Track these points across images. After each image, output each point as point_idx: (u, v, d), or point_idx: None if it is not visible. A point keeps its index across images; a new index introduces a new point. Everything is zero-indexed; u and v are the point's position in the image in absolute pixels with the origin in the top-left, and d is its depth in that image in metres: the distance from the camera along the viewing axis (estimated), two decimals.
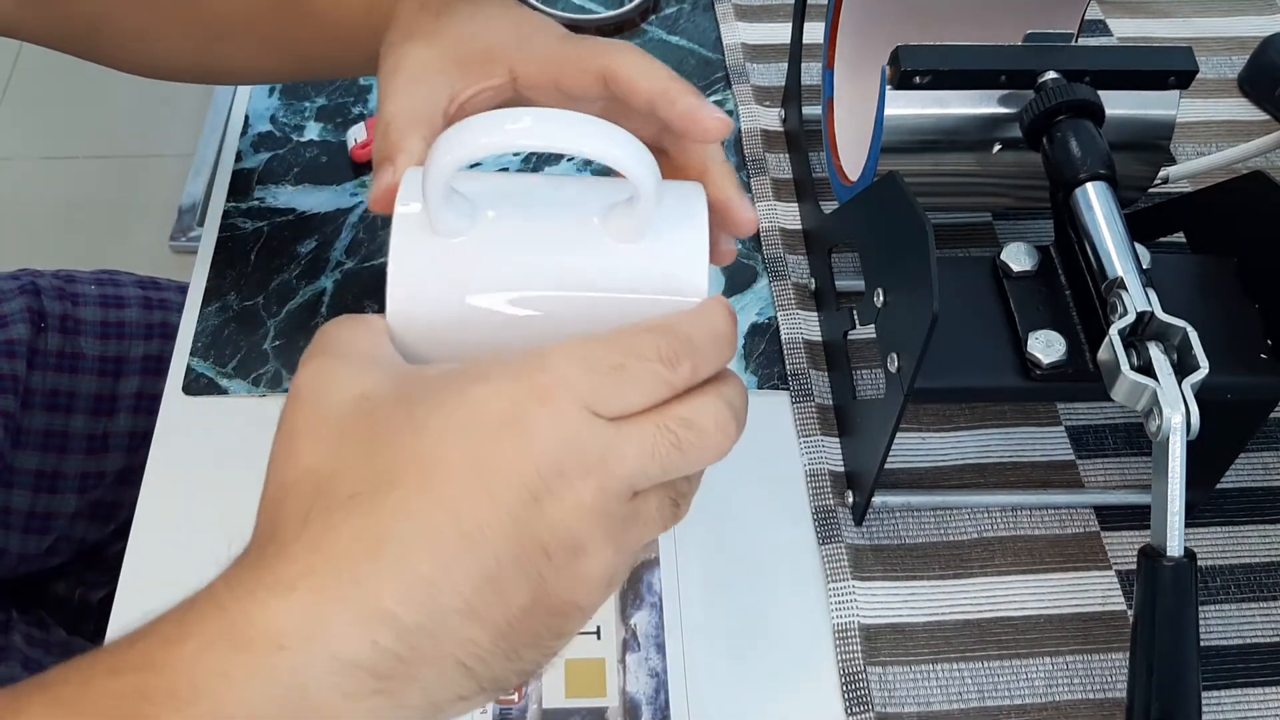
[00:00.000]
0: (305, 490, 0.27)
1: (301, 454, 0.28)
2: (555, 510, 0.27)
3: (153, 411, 0.66)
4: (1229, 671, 0.44)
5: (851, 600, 0.46)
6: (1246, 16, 0.71)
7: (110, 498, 0.69)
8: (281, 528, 0.26)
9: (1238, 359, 0.43)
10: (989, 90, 0.48)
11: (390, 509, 0.26)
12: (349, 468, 0.27)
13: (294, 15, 0.48)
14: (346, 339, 0.30)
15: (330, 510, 0.26)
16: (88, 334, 0.67)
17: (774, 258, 0.57)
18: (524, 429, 0.27)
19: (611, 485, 0.28)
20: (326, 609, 0.24)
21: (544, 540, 0.27)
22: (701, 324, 0.30)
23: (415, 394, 0.28)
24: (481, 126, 0.30)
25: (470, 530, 0.26)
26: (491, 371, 0.28)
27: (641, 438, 0.28)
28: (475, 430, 0.27)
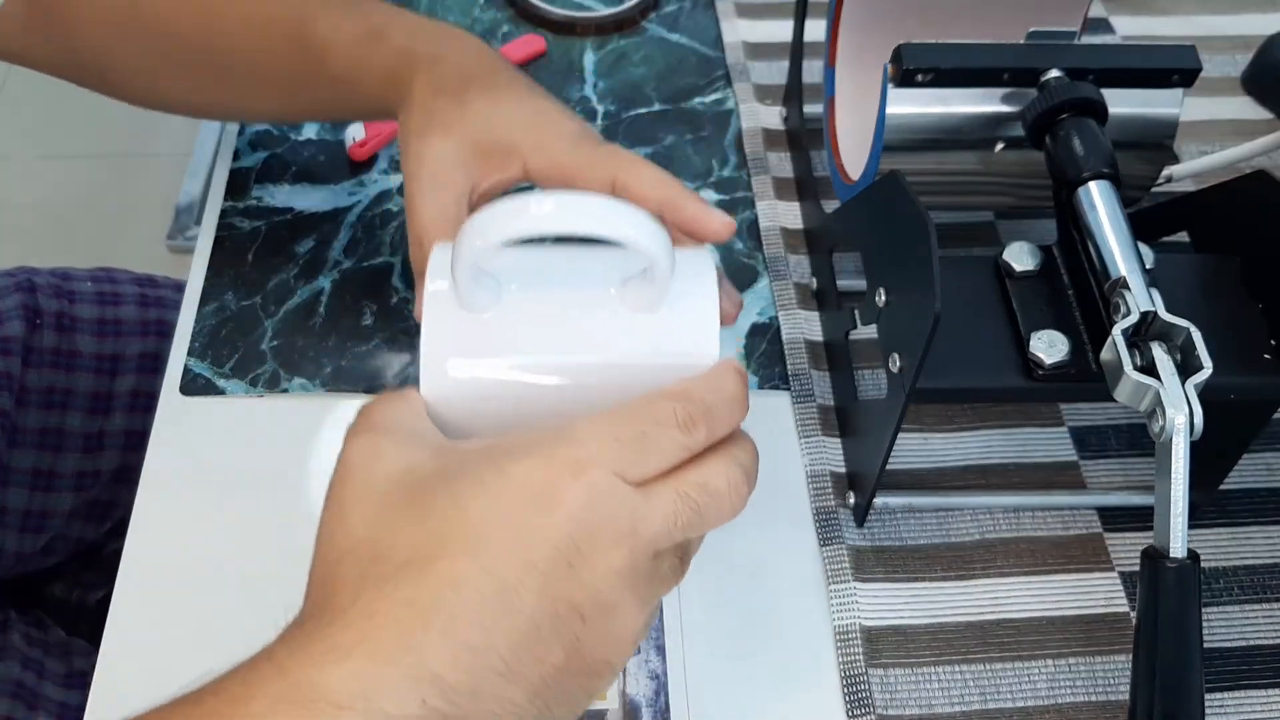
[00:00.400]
0: (359, 558, 0.29)
1: (354, 525, 0.30)
2: (589, 575, 0.29)
3: (149, 410, 0.66)
4: (1232, 673, 0.44)
5: (853, 602, 0.45)
6: (1250, 15, 0.71)
7: (106, 496, 0.68)
8: (337, 594, 0.28)
9: (1241, 359, 0.42)
10: (991, 88, 0.48)
11: (437, 578, 0.28)
12: (399, 538, 0.29)
13: (307, 70, 0.49)
14: (390, 415, 0.32)
15: (384, 579, 0.28)
16: (84, 332, 0.67)
17: (775, 257, 0.57)
18: (559, 500, 0.29)
19: (640, 549, 0.30)
20: (381, 673, 0.26)
21: (578, 603, 0.29)
22: (715, 389, 0.32)
23: (457, 469, 0.30)
24: (508, 213, 0.32)
25: (510, 597, 0.28)
26: (526, 448, 0.30)
27: (665, 504, 0.31)
28: (514, 503, 0.29)
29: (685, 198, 0.42)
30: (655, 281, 0.34)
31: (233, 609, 0.46)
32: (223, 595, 0.46)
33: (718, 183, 0.62)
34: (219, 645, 0.45)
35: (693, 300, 0.35)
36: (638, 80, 0.67)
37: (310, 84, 0.50)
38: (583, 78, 0.67)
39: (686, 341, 0.35)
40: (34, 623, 0.64)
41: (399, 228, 0.59)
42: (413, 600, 0.27)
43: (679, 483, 0.31)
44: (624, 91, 0.66)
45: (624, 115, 0.65)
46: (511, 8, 0.71)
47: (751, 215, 0.60)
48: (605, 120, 0.65)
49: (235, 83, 0.52)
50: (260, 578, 0.46)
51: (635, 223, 0.32)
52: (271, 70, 0.50)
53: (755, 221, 0.59)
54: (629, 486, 0.30)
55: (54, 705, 0.60)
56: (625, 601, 0.30)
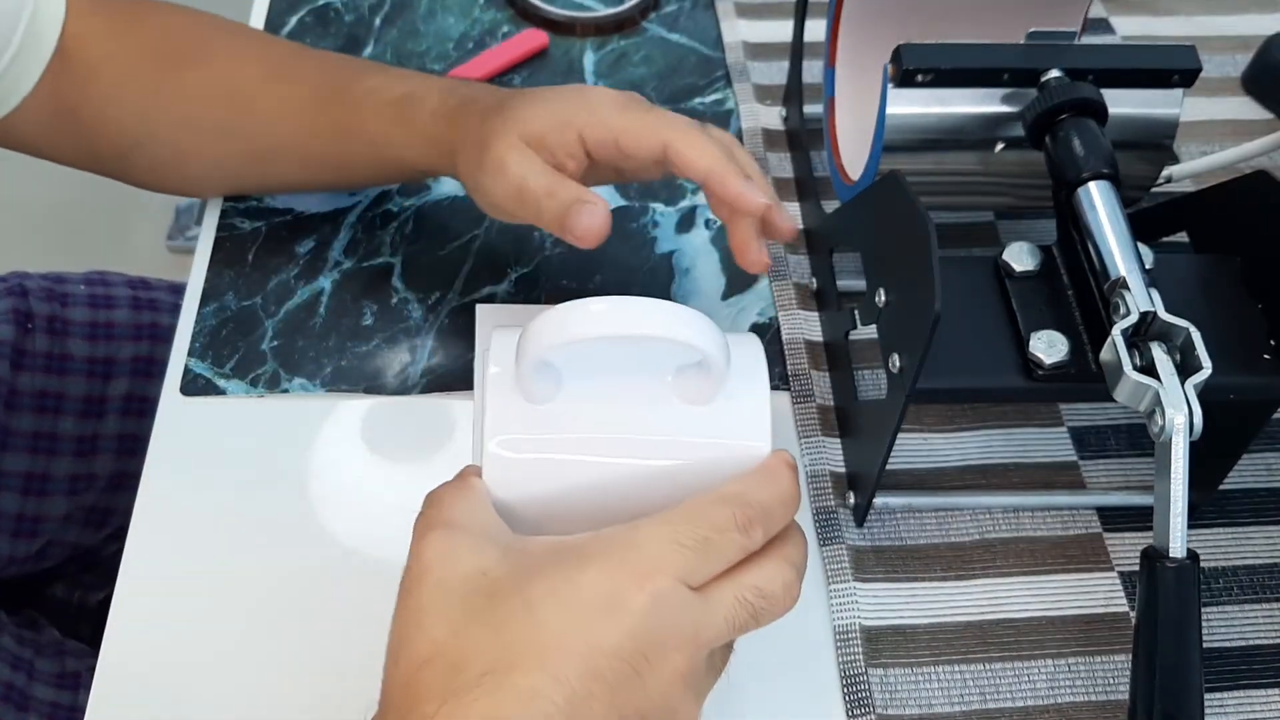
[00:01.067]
0: (440, 667, 0.30)
1: (433, 629, 0.31)
2: (654, 681, 0.31)
3: (142, 414, 0.66)
4: (1232, 673, 0.44)
5: (853, 601, 0.45)
6: (1250, 15, 0.71)
7: (103, 503, 0.68)
8: (422, 702, 0.30)
9: (1241, 359, 0.42)
10: (991, 89, 0.48)
11: (514, 690, 0.29)
12: (478, 648, 0.30)
13: (346, 143, 0.51)
14: (461, 509, 0.34)
15: (465, 689, 0.29)
16: (76, 335, 0.67)
17: (775, 257, 0.57)
18: (626, 609, 0.30)
19: (701, 653, 0.32)
20: None
21: (643, 710, 0.31)
22: (771, 490, 0.34)
23: (527, 574, 0.31)
24: (572, 317, 0.34)
25: (580, 706, 0.29)
26: (593, 554, 0.31)
27: (724, 608, 0.32)
28: (583, 612, 0.30)
29: (730, 173, 0.43)
30: (710, 375, 0.35)
31: (233, 609, 0.46)
32: (223, 595, 0.46)
33: None
34: (219, 645, 0.45)
35: (746, 393, 0.37)
36: (638, 80, 0.67)
37: (350, 150, 0.51)
38: (583, 78, 0.67)
39: (741, 433, 0.36)
40: (27, 623, 0.64)
41: (399, 228, 0.59)
42: (490, 712, 0.29)
43: (737, 587, 0.33)
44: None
45: None
46: (511, 8, 0.71)
47: None
48: None
49: (275, 156, 0.54)
50: (261, 577, 0.46)
51: (689, 325, 0.34)
52: (308, 137, 0.52)
53: None
54: (690, 592, 0.32)
55: (45, 706, 0.60)
56: (686, 701, 0.32)
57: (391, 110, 0.49)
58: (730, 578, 0.33)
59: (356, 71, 0.51)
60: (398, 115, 0.49)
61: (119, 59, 0.51)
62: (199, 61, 0.52)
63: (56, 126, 0.52)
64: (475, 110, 0.47)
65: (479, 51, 0.68)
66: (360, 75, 0.51)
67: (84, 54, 0.51)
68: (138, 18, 0.53)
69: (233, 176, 0.57)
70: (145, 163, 0.55)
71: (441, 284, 0.56)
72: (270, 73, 0.52)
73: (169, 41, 0.52)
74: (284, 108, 0.51)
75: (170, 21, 0.53)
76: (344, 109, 0.50)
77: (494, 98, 0.47)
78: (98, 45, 0.51)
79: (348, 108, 0.50)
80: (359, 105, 0.49)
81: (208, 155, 0.54)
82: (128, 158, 0.54)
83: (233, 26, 0.54)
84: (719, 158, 0.43)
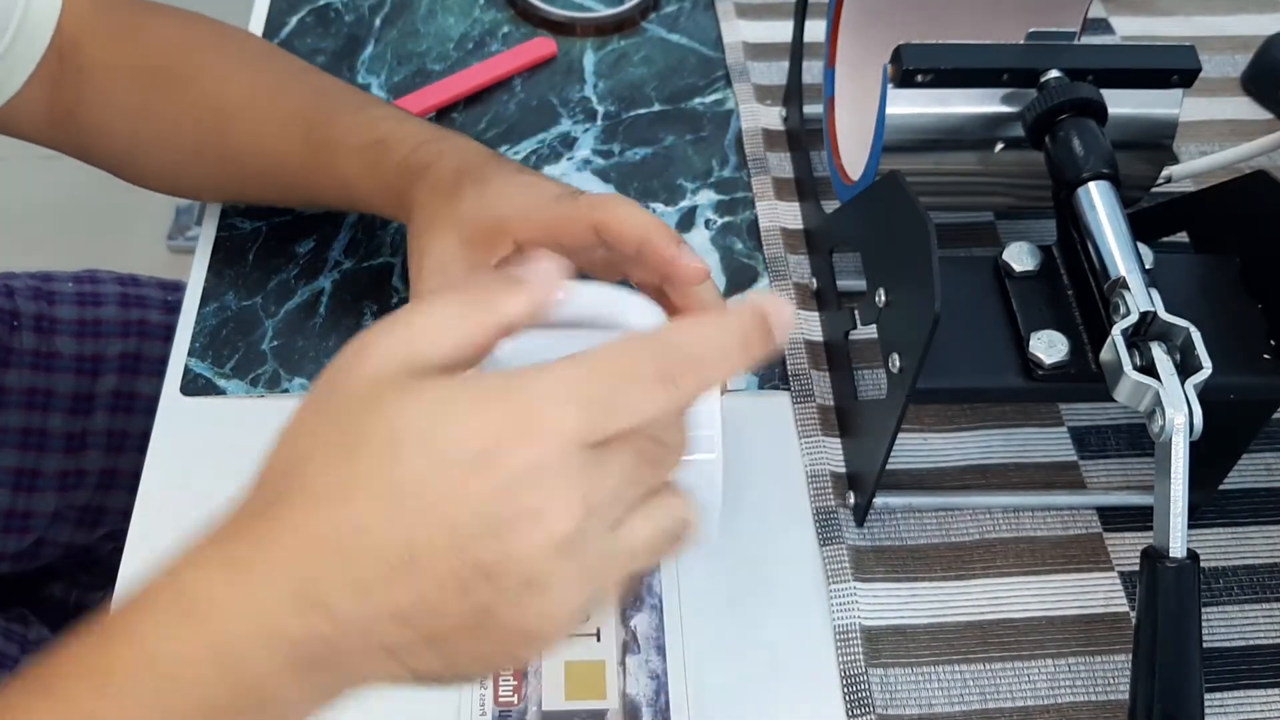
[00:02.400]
0: (284, 475, 0.29)
1: (300, 439, 0.29)
2: (516, 545, 0.27)
3: (130, 410, 0.66)
4: (1232, 673, 0.44)
5: (853, 602, 0.45)
6: (1250, 15, 0.71)
7: (95, 502, 0.68)
8: (255, 496, 0.29)
9: (1240, 359, 0.42)
10: (991, 89, 0.48)
11: (351, 519, 0.27)
12: (327, 465, 0.28)
13: (319, 169, 0.51)
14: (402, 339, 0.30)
15: (294, 498, 0.28)
16: (64, 333, 0.67)
17: (775, 257, 0.57)
18: (499, 468, 0.27)
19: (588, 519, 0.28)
20: (274, 591, 0.27)
21: (495, 573, 0.27)
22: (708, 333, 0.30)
23: (419, 402, 0.28)
24: None
25: (419, 553, 0.27)
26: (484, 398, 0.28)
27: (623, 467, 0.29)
28: (452, 460, 0.27)
29: (664, 239, 0.41)
30: None
31: None
32: None
33: (718, 183, 0.62)
34: None
35: None
36: (638, 80, 0.67)
37: (319, 182, 0.52)
38: (583, 78, 0.67)
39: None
40: (16, 619, 0.64)
41: (399, 228, 0.59)
42: (316, 531, 0.27)
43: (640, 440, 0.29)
44: (624, 92, 0.66)
45: (624, 115, 0.65)
46: (511, 8, 0.71)
47: (751, 215, 0.60)
48: (605, 120, 0.65)
49: (251, 177, 0.54)
50: None
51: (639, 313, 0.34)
52: (286, 168, 0.52)
53: (755, 222, 0.59)
54: (585, 451, 0.28)
55: None
56: (559, 569, 0.28)
57: (361, 156, 0.49)
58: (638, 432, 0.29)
59: (338, 105, 0.51)
60: (367, 162, 0.49)
61: (113, 67, 0.52)
62: (186, 81, 0.52)
63: (54, 122, 0.53)
64: (429, 180, 0.46)
65: (479, 51, 0.68)
66: (340, 111, 0.51)
67: (79, 57, 0.51)
68: (134, 25, 0.53)
69: (219, 192, 0.58)
70: (137, 170, 0.56)
71: None
72: (253, 97, 0.52)
73: (162, 56, 0.53)
74: (262, 138, 0.52)
75: (165, 34, 0.53)
76: (318, 147, 0.50)
77: (452, 174, 0.46)
78: (94, 49, 0.52)
79: (322, 147, 0.50)
80: (334, 146, 0.50)
81: (192, 172, 0.55)
82: (121, 162, 0.55)
83: (226, 42, 0.54)
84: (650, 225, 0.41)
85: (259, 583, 0.27)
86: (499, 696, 0.43)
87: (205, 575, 0.28)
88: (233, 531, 0.28)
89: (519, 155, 0.63)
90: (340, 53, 0.68)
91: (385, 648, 0.28)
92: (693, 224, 0.60)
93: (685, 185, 0.61)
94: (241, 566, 0.27)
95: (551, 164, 0.62)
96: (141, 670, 0.27)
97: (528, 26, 0.70)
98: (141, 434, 0.51)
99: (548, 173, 0.62)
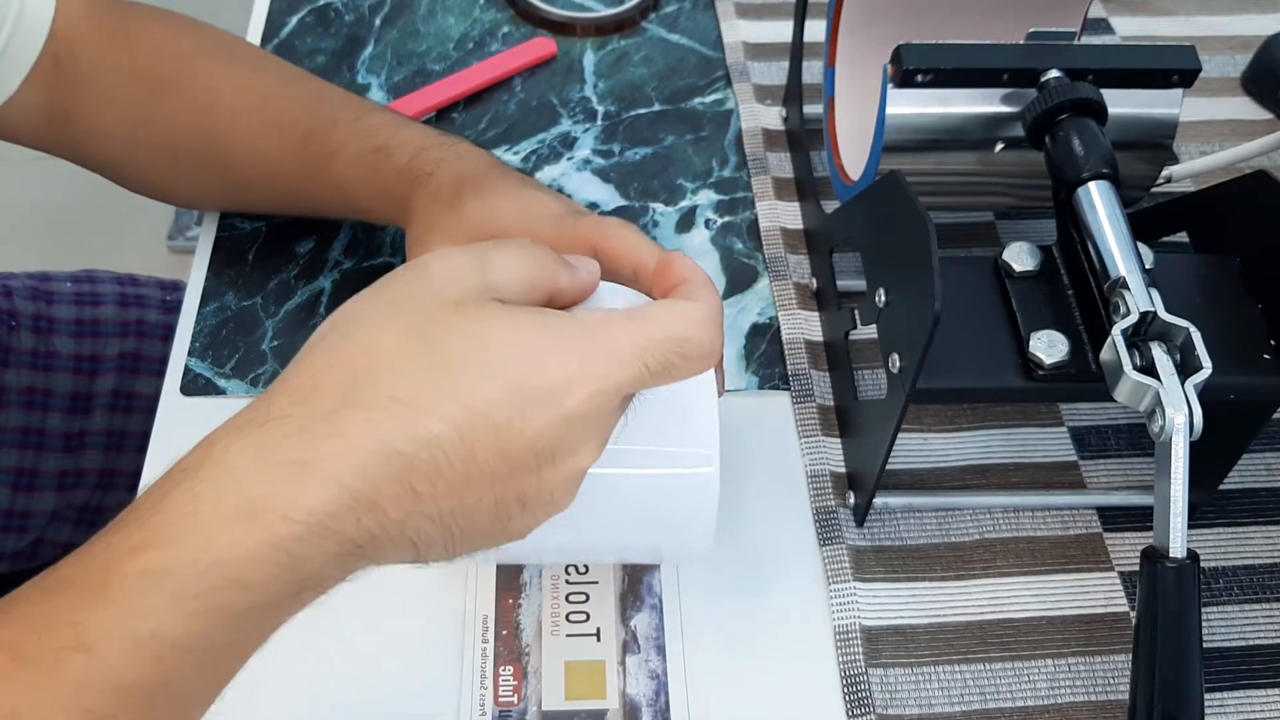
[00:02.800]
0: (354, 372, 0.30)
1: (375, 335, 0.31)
2: (551, 475, 0.32)
3: (129, 410, 0.66)
4: (1232, 673, 0.44)
5: (853, 602, 0.45)
6: (1250, 15, 0.71)
7: (94, 502, 0.68)
8: (320, 397, 0.30)
9: (1241, 359, 0.42)
10: (991, 89, 0.48)
11: (417, 431, 0.29)
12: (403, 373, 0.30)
13: (315, 178, 0.51)
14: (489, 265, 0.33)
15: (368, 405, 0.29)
16: (62, 333, 0.67)
17: (775, 257, 0.57)
18: (560, 407, 0.31)
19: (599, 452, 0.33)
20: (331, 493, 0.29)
21: (527, 495, 0.32)
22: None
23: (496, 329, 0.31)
24: None
25: (472, 473, 0.30)
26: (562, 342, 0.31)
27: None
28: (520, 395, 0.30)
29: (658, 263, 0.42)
30: None
31: None
32: None
33: (718, 183, 0.62)
34: None
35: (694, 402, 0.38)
36: (638, 80, 0.67)
37: (317, 190, 0.52)
38: (583, 78, 0.67)
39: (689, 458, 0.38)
40: None
41: (399, 229, 0.59)
42: (386, 440, 0.29)
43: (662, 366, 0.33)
44: (624, 92, 0.66)
45: (624, 115, 0.65)
46: (511, 8, 0.71)
47: (751, 215, 0.60)
48: (605, 120, 0.65)
49: (247, 186, 0.54)
50: None
51: None
52: (282, 176, 0.52)
53: (755, 222, 0.59)
54: (623, 401, 0.33)
55: None
56: (567, 497, 0.33)
57: (360, 163, 0.49)
58: None
59: (335, 112, 0.51)
60: (367, 169, 0.49)
61: (108, 72, 0.52)
62: (181, 89, 0.52)
63: (51, 127, 0.52)
64: (429, 188, 0.47)
65: (479, 51, 0.68)
66: (338, 118, 0.50)
67: (75, 60, 0.51)
68: (129, 30, 0.53)
69: (216, 201, 0.58)
70: (133, 177, 0.55)
71: None
72: (248, 107, 0.52)
73: (157, 62, 0.52)
74: (258, 146, 0.52)
75: (160, 38, 0.53)
76: (317, 156, 0.50)
77: (453, 182, 0.46)
78: (89, 52, 0.51)
79: (320, 155, 0.50)
80: (332, 155, 0.50)
81: (189, 181, 0.55)
82: (118, 169, 0.55)
83: (218, 47, 0.54)
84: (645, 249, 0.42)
85: (322, 485, 0.28)
86: (499, 696, 0.43)
87: (268, 478, 0.28)
88: (298, 429, 0.29)
89: (519, 155, 0.63)
90: (340, 53, 0.68)
91: (412, 540, 0.31)
92: (693, 224, 0.60)
93: (685, 185, 0.61)
94: (307, 470, 0.28)
95: (551, 164, 0.62)
96: (210, 573, 0.28)
97: (527, 26, 0.70)
98: (140, 434, 0.51)
99: (548, 173, 0.62)
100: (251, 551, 0.28)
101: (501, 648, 0.44)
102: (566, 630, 0.45)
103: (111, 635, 0.27)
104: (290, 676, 0.43)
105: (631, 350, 0.32)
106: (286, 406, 0.30)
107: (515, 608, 0.46)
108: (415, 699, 0.43)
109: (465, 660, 0.44)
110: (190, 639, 0.28)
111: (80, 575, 0.28)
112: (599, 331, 0.32)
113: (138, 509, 0.29)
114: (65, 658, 0.27)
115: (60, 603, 0.28)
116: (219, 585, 0.28)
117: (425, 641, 0.44)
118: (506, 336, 0.31)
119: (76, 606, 0.27)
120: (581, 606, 0.46)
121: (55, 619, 0.27)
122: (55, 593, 0.28)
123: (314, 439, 0.29)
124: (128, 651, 0.27)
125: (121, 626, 0.27)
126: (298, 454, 0.29)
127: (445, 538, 0.31)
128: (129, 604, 0.27)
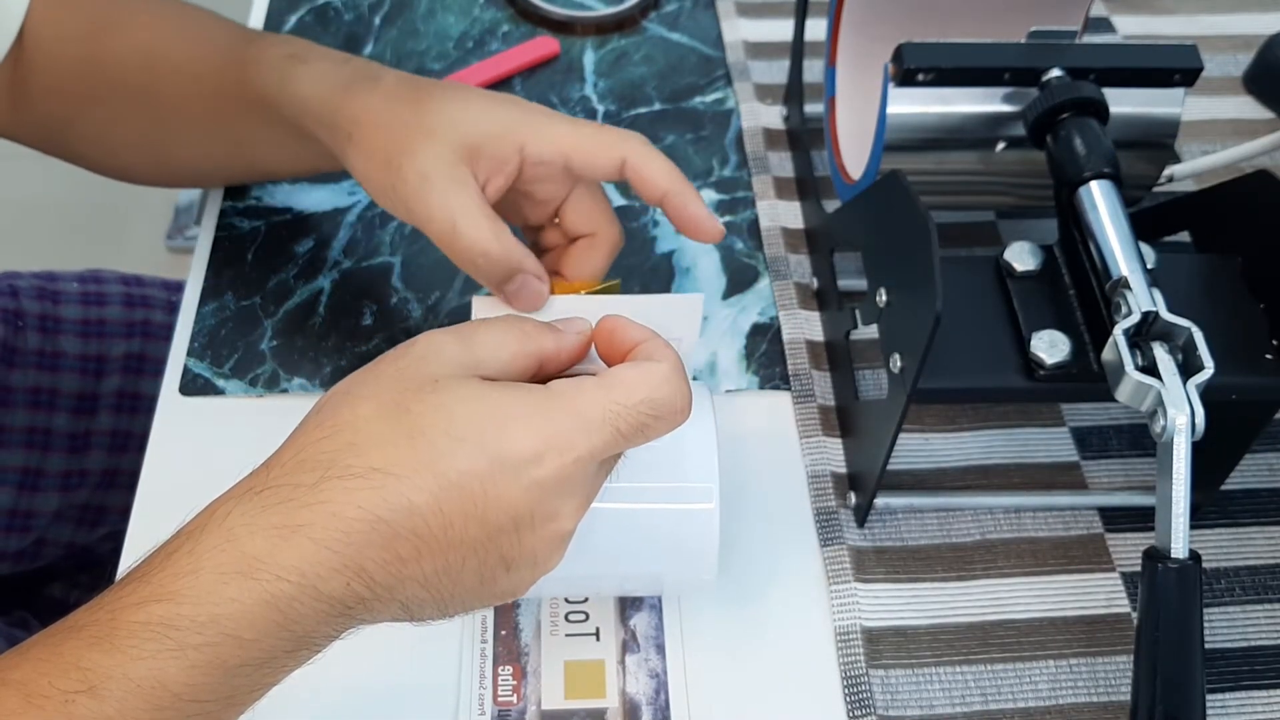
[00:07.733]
0: (338, 445, 0.32)
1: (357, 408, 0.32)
2: (531, 539, 0.33)
3: (134, 411, 0.66)
4: (1234, 674, 0.44)
5: (854, 602, 0.45)
6: (1252, 14, 0.71)
7: (96, 501, 0.68)
8: (305, 469, 0.31)
9: (1243, 359, 0.42)
10: (992, 88, 0.48)
11: (397, 498, 0.31)
12: (383, 445, 0.31)
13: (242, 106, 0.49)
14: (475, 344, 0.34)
15: (350, 474, 0.31)
16: (68, 332, 0.67)
17: (775, 257, 0.57)
18: (534, 476, 0.32)
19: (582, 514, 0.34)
20: (321, 556, 0.30)
21: (510, 559, 0.33)
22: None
23: (473, 400, 0.32)
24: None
25: (453, 540, 0.32)
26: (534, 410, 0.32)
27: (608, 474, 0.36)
28: (494, 462, 0.32)
29: (689, 196, 0.44)
30: None
31: None
32: None
33: (718, 182, 0.62)
34: None
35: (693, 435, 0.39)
36: (638, 80, 0.67)
37: (246, 125, 0.50)
38: (583, 77, 0.67)
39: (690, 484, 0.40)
40: (18, 623, 0.64)
41: (399, 227, 0.58)
42: (367, 508, 0.31)
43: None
44: (624, 91, 0.66)
45: (624, 115, 0.65)
46: (511, 7, 0.71)
47: (752, 215, 0.60)
48: (605, 119, 0.65)
49: (178, 129, 0.53)
50: None
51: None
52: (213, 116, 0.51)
53: (756, 221, 0.59)
54: (598, 464, 0.34)
55: None
56: (553, 558, 0.34)
57: (275, 67, 0.47)
58: None
59: (258, 36, 0.50)
60: (282, 72, 0.47)
61: (58, 23, 0.51)
62: (126, 29, 0.52)
63: (14, 100, 0.52)
64: (379, 89, 0.44)
65: (479, 50, 0.68)
66: (259, 38, 0.50)
67: (32, 23, 0.51)
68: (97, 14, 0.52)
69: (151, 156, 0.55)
70: (81, 137, 0.54)
71: (441, 283, 0.56)
72: (181, 36, 0.51)
73: (105, 10, 0.52)
74: (190, 68, 0.51)
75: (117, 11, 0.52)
76: (237, 68, 0.49)
77: (397, 80, 0.44)
78: (40, 12, 0.51)
79: (240, 66, 0.49)
80: (250, 63, 0.48)
81: (127, 129, 0.53)
82: (70, 134, 0.54)
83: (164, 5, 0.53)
84: (678, 179, 0.43)
85: (313, 549, 0.30)
86: (498, 696, 0.43)
87: (263, 540, 0.30)
88: (288, 497, 0.31)
89: None
90: None
91: (401, 603, 0.32)
92: None
93: None
94: (297, 534, 0.30)
95: None
96: (209, 627, 0.29)
97: (528, 25, 0.70)
98: (144, 434, 0.51)
99: None
100: (248, 608, 0.30)
101: (500, 647, 0.44)
102: (566, 630, 0.45)
103: (116, 681, 0.29)
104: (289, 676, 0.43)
105: (600, 416, 0.32)
106: (280, 476, 0.32)
107: (514, 607, 0.46)
108: (414, 699, 0.43)
109: (464, 660, 0.44)
110: (189, 690, 0.29)
111: (89, 624, 0.30)
112: (567, 400, 0.33)
113: (145, 566, 0.31)
114: (73, 700, 0.28)
115: (69, 648, 0.29)
116: (216, 639, 0.30)
117: (424, 641, 0.44)
118: (475, 409, 0.32)
119: (84, 652, 0.29)
120: (580, 606, 0.46)
121: (64, 663, 0.29)
122: (66, 639, 0.30)
123: (302, 506, 0.31)
124: (130, 697, 0.29)
125: (125, 673, 0.29)
126: (289, 520, 0.30)
127: (434, 599, 0.33)
128: (133, 652, 0.29)
